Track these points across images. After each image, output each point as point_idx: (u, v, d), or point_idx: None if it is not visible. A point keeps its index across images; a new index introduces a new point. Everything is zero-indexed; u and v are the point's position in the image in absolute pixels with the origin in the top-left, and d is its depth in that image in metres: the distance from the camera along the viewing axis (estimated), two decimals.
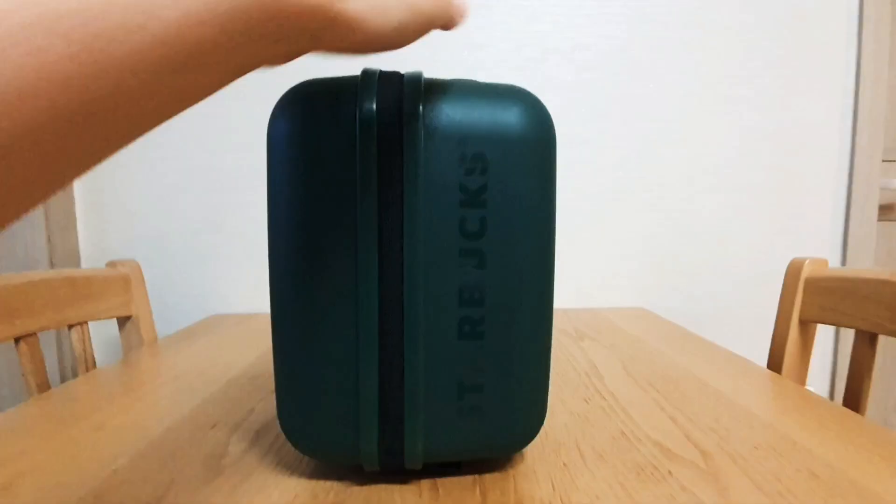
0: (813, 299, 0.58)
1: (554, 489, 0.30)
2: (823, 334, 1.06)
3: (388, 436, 0.28)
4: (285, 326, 0.27)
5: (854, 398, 0.53)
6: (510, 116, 0.27)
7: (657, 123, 1.00)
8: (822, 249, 1.04)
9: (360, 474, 0.31)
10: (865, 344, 0.52)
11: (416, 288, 0.27)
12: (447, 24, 0.23)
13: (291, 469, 0.32)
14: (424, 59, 0.96)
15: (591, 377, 0.51)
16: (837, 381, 1.06)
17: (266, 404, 0.44)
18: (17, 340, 0.53)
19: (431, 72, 0.96)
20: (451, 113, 0.27)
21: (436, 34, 0.95)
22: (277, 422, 0.39)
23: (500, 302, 0.28)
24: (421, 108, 0.26)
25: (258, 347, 0.65)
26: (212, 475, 0.31)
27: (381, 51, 0.20)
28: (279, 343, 0.28)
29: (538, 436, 0.37)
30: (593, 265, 1.01)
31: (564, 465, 0.33)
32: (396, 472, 0.31)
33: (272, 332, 0.28)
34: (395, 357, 0.27)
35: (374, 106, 0.26)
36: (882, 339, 1.04)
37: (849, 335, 1.04)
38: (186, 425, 0.39)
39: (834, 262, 1.06)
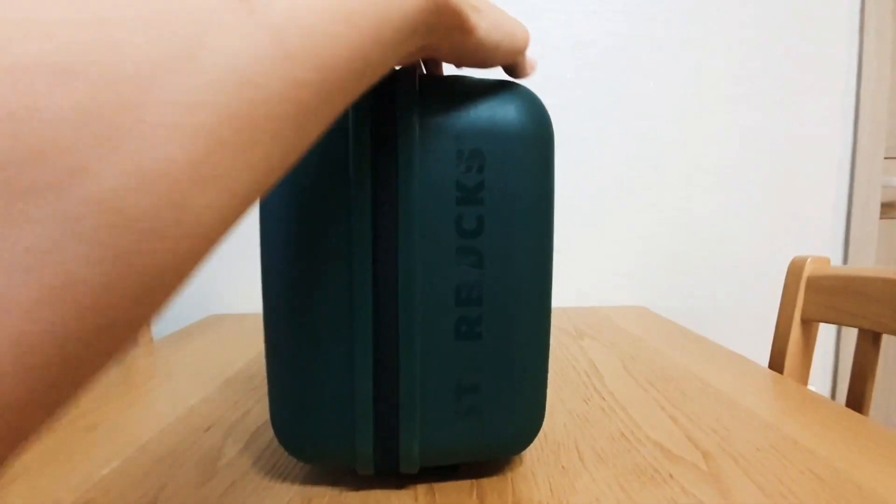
0: (815, 298, 0.58)
1: (552, 492, 0.29)
2: (824, 333, 1.06)
3: (383, 439, 0.27)
4: (277, 328, 0.27)
5: (857, 398, 0.52)
6: (508, 112, 0.27)
7: (658, 121, 0.99)
8: (823, 247, 1.04)
9: (355, 479, 0.31)
10: (868, 343, 0.51)
11: (412, 288, 0.26)
12: (519, 68, 0.28)
13: (286, 473, 0.31)
14: None
15: (590, 377, 0.51)
16: (839, 380, 1.06)
17: (263, 405, 0.43)
18: None
19: None
20: (446, 109, 0.26)
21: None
22: None
23: (498, 301, 0.27)
24: (416, 103, 0.26)
25: (256, 347, 0.64)
26: (205, 478, 0.31)
27: (474, 65, 0.24)
28: (271, 345, 0.27)
29: (536, 437, 0.36)
30: (594, 263, 1.00)
31: (563, 467, 0.32)
32: (392, 476, 0.30)
33: (265, 333, 0.27)
34: (390, 358, 0.27)
35: (369, 102, 0.25)
36: (885, 338, 1.04)
37: (850, 334, 1.04)
38: (181, 427, 0.39)
39: (835, 260, 1.05)
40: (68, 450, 0.35)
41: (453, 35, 0.21)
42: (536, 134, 0.27)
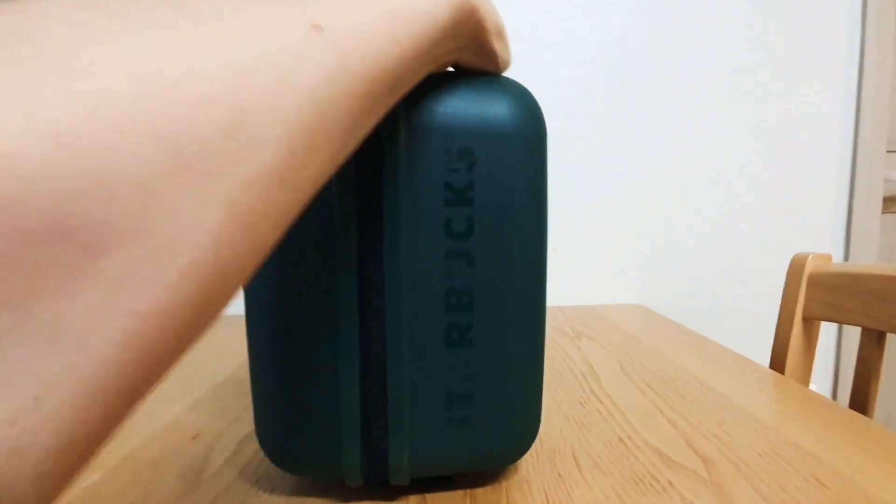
0: (817, 296, 0.57)
1: (548, 502, 0.28)
2: (825, 331, 1.05)
3: (371, 450, 0.26)
4: (261, 336, 0.26)
5: (861, 399, 0.51)
6: (498, 109, 0.26)
7: (655, 117, 0.98)
8: (824, 243, 1.03)
9: (344, 490, 0.30)
10: (873, 342, 0.50)
11: (400, 293, 0.25)
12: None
13: (273, 484, 0.30)
14: None
15: (587, 379, 0.50)
16: (841, 379, 1.05)
17: (251, 413, 0.42)
18: None
19: None
20: (434, 106, 0.25)
21: None
22: None
23: (490, 306, 0.26)
24: (402, 100, 0.24)
25: (245, 352, 0.63)
26: (189, 490, 0.30)
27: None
28: (255, 354, 0.26)
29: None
30: (592, 261, 0.99)
31: (559, 475, 0.31)
32: (383, 486, 0.29)
33: (248, 342, 0.26)
34: (378, 367, 0.26)
35: None
36: (889, 337, 1.03)
37: (851, 332, 1.03)
38: (167, 435, 0.38)
39: (837, 255, 1.04)
40: None
41: (473, 42, 0.23)
42: (529, 131, 0.26)
